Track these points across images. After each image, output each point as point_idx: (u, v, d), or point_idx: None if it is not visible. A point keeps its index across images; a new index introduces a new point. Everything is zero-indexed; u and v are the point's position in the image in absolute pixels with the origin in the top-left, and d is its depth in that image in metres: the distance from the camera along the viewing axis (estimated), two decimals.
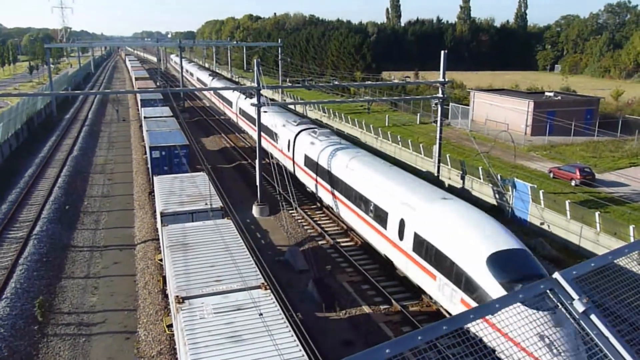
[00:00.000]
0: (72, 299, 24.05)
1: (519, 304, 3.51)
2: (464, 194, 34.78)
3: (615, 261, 3.99)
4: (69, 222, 33.30)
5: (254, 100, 34.44)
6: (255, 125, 36.86)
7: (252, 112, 43.90)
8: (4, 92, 69.31)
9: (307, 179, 37.50)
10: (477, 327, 3.30)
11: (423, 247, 21.47)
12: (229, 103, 66.50)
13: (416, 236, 22.08)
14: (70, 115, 74.50)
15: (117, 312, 23.05)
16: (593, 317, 3.53)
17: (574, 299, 3.59)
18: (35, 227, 30.75)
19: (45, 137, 58.66)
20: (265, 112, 36.61)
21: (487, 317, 3.38)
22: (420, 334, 3.10)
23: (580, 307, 3.55)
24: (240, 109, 59.03)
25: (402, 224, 23.33)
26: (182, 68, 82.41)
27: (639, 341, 3.65)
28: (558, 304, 3.58)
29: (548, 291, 3.62)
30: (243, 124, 58.68)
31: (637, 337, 3.69)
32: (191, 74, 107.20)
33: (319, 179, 34.92)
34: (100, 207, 36.77)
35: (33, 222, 31.69)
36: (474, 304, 17.93)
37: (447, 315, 20.69)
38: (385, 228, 25.07)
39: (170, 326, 20.11)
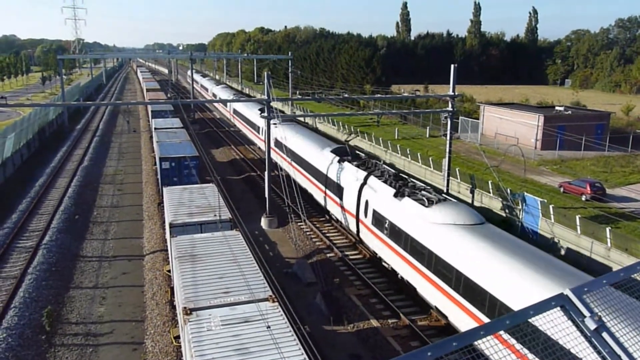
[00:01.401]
0: (80, 309, 24.09)
1: (529, 320, 3.48)
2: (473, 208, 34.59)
3: (627, 278, 3.95)
4: (79, 232, 33.45)
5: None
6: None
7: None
8: (16, 102, 70.11)
9: None
10: (487, 344, 3.27)
11: None
12: (312, 166, 37.62)
13: None
14: (82, 125, 75.17)
15: (125, 322, 23.04)
16: (605, 335, 3.49)
17: (585, 316, 3.55)
18: (44, 236, 30.92)
19: (56, 147, 59.14)
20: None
21: (497, 334, 3.34)
22: (430, 350, 3.08)
23: (591, 325, 3.50)
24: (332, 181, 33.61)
25: None
26: (192, 80, 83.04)
27: None
28: (569, 321, 3.54)
29: (559, 308, 3.58)
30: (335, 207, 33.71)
31: None
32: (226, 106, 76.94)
33: None
34: (109, 218, 36.93)
35: (43, 231, 31.87)
36: None
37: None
38: None
39: (177, 337, 20.07)
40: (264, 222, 35.36)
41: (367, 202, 28.56)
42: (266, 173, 35.33)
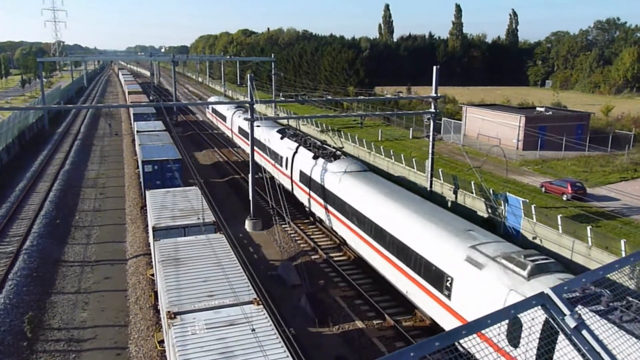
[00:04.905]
0: (62, 315, 23.80)
1: (511, 319, 3.52)
2: (457, 208, 34.84)
3: (606, 276, 4.01)
4: (60, 237, 33.05)
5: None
6: None
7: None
8: None
9: None
10: (470, 343, 3.30)
11: None
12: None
13: None
14: (63, 129, 74.31)
15: (108, 327, 22.82)
16: (584, 332, 3.54)
17: (565, 315, 3.60)
18: (25, 241, 30.49)
19: (36, 151, 58.39)
20: None
21: (480, 332, 3.38)
22: (413, 350, 3.10)
23: (571, 323, 3.56)
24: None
25: None
26: (175, 82, 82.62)
27: (629, 356, 3.66)
28: (550, 319, 3.59)
29: (540, 307, 3.63)
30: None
31: (627, 352, 3.71)
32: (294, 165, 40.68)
33: None
34: (91, 222, 36.55)
35: (23, 236, 31.43)
36: None
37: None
38: None
39: (161, 342, 19.92)
40: (248, 225, 35.26)
41: None
42: (250, 175, 35.25)
